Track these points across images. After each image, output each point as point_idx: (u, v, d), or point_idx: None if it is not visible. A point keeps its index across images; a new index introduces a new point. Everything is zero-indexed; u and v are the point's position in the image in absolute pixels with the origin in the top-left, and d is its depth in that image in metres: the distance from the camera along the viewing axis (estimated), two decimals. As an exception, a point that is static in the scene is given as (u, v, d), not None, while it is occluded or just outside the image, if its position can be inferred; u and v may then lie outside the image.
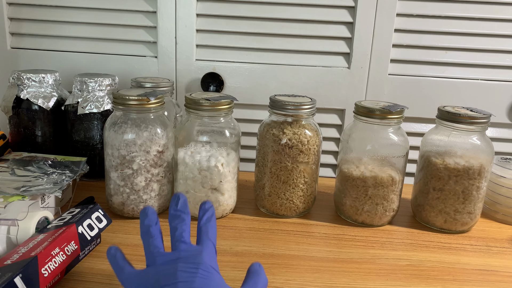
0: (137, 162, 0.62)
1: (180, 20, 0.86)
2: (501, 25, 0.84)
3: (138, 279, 0.41)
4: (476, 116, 0.64)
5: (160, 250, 0.43)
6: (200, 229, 0.45)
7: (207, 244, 0.43)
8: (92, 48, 0.89)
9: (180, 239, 0.43)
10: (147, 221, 0.45)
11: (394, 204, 0.67)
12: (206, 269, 0.40)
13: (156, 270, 0.40)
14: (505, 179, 0.71)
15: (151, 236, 0.44)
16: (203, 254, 0.41)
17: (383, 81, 0.87)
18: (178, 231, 0.43)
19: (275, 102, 0.67)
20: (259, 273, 0.43)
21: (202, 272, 0.39)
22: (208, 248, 0.43)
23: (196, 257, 0.41)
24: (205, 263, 0.40)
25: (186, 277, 0.38)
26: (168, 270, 0.39)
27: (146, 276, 0.40)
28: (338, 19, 0.85)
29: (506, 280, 0.56)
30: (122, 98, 0.62)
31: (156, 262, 0.41)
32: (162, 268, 0.40)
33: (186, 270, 0.39)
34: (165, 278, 0.38)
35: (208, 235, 0.44)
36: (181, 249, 0.42)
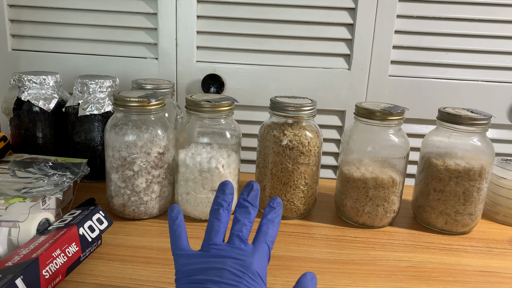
0: (138, 164, 0.62)
1: (180, 21, 0.86)
2: (501, 26, 0.84)
3: (188, 260, 0.40)
4: (477, 117, 0.64)
5: (218, 238, 0.41)
6: (261, 227, 0.43)
7: (262, 247, 0.41)
8: (93, 50, 0.89)
9: (238, 234, 0.41)
10: (221, 198, 0.43)
11: (394, 206, 0.67)
12: (253, 276, 0.38)
13: (205, 257, 0.39)
14: (505, 180, 0.71)
15: (218, 218, 0.42)
16: (254, 259, 0.40)
17: (384, 82, 0.87)
18: (238, 224, 0.42)
19: (275, 103, 0.67)
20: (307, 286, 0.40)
21: (248, 279, 0.38)
22: (262, 252, 0.41)
23: (247, 259, 0.39)
24: (254, 270, 0.39)
25: (232, 279, 0.37)
26: (216, 263, 0.38)
27: (195, 261, 0.39)
28: (338, 20, 0.85)
29: (507, 281, 0.55)
30: (123, 100, 0.62)
31: (208, 249, 0.40)
32: (212, 259, 0.39)
33: (233, 272, 0.38)
34: (212, 272, 0.38)
35: (266, 236, 0.42)
36: (236, 245, 0.40)
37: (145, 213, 0.65)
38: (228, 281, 0.37)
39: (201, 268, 0.38)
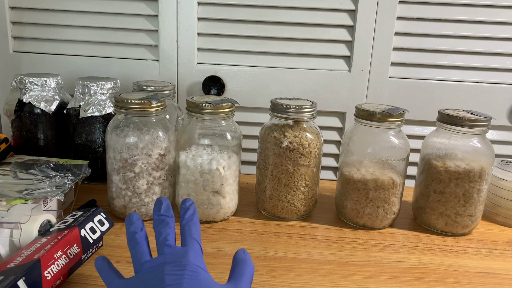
0: (139, 165, 0.62)
1: (181, 23, 0.86)
2: (501, 28, 0.84)
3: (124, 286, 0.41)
4: (477, 119, 0.64)
5: (146, 256, 0.43)
6: (183, 229, 0.45)
7: (192, 244, 0.43)
8: (94, 51, 0.89)
9: (165, 243, 0.43)
10: (132, 228, 0.45)
11: (395, 207, 0.68)
12: (193, 269, 0.40)
13: (143, 276, 0.40)
14: (505, 181, 0.72)
15: (137, 243, 0.44)
16: (188, 255, 0.41)
17: (384, 84, 0.87)
18: (162, 235, 0.44)
19: (276, 105, 0.67)
20: (244, 261, 0.43)
21: (188, 273, 0.39)
22: (194, 248, 0.43)
23: (182, 258, 0.41)
24: (191, 263, 0.40)
25: (173, 279, 0.38)
26: (154, 275, 0.39)
27: (134, 284, 0.40)
28: (338, 22, 0.85)
29: (507, 283, 0.56)
30: (124, 102, 0.62)
31: (143, 269, 0.41)
32: (149, 274, 0.40)
33: (173, 273, 0.39)
34: (152, 284, 0.38)
35: (191, 234, 0.44)
36: (166, 252, 0.42)
37: (146, 215, 0.65)
38: (171, 282, 0.38)
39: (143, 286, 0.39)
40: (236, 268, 0.43)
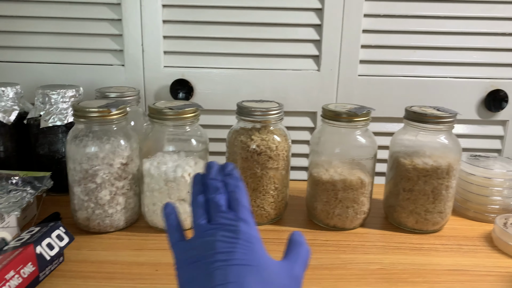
0: (101, 176, 0.60)
1: (146, 27, 0.84)
2: (466, 23, 0.84)
3: (181, 247, 0.40)
4: (442, 115, 0.64)
5: (203, 220, 0.41)
6: (230, 196, 0.43)
7: (243, 212, 0.41)
8: (57, 58, 0.86)
9: (218, 208, 0.41)
10: (195, 189, 0.44)
11: (364, 207, 0.67)
12: (247, 238, 0.38)
13: (197, 241, 0.39)
14: (474, 176, 0.72)
15: (197, 205, 0.43)
16: (241, 223, 0.39)
17: (353, 82, 0.86)
18: (214, 200, 0.42)
19: (242, 108, 0.66)
20: (301, 242, 0.41)
21: (242, 242, 0.38)
22: (245, 216, 0.41)
23: (235, 226, 0.39)
24: (245, 232, 0.39)
25: (226, 247, 0.37)
26: (207, 241, 0.38)
27: (189, 247, 0.39)
28: (306, 21, 0.84)
29: (476, 279, 0.55)
30: (82, 111, 0.60)
31: (198, 232, 0.40)
32: (202, 240, 0.39)
33: (226, 240, 0.38)
34: (204, 249, 0.37)
35: (241, 202, 0.42)
36: (219, 218, 0.40)
37: (111, 226, 0.63)
38: (222, 250, 0.37)
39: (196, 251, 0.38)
40: (291, 249, 0.41)
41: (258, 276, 0.36)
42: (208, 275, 0.35)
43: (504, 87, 0.86)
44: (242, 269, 0.36)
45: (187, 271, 0.37)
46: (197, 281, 0.36)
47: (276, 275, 0.37)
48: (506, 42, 0.85)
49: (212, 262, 0.36)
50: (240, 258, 0.36)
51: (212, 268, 0.35)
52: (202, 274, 0.36)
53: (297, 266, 0.39)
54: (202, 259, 0.37)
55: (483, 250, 0.63)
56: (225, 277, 0.35)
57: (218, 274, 0.35)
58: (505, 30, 0.84)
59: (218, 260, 0.36)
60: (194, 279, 0.36)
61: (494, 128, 0.90)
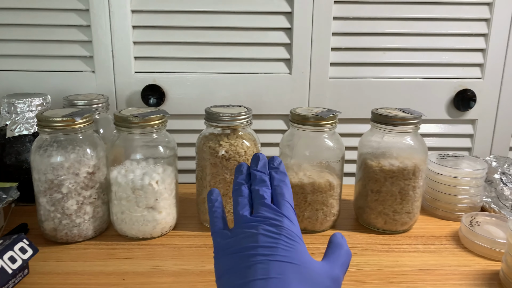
0: (66, 186, 0.60)
1: (115, 32, 0.83)
2: (434, 24, 0.85)
3: (222, 236, 0.40)
4: (407, 117, 0.65)
5: (246, 211, 0.41)
6: (275, 190, 0.42)
7: (287, 208, 0.41)
8: (24, 65, 0.85)
9: (262, 201, 0.41)
10: (240, 178, 0.43)
11: (334, 209, 0.68)
12: (289, 235, 0.38)
13: (239, 232, 0.39)
14: (442, 176, 0.73)
15: (241, 194, 0.42)
16: (285, 219, 0.39)
17: (325, 85, 0.87)
18: (259, 192, 0.41)
19: (210, 114, 0.66)
20: (342, 245, 0.41)
21: (284, 238, 0.37)
22: (289, 212, 0.40)
23: (279, 221, 0.39)
24: (288, 229, 0.38)
25: (269, 241, 0.37)
26: (250, 233, 0.38)
27: (229, 236, 0.39)
28: (276, 25, 0.85)
29: (441, 278, 0.56)
30: (46, 121, 0.59)
31: (240, 223, 0.40)
32: (245, 231, 0.38)
33: (269, 234, 0.37)
34: (246, 240, 0.37)
35: (284, 197, 0.42)
36: (263, 211, 0.40)
37: (79, 236, 0.63)
38: (265, 244, 0.36)
39: (237, 241, 0.38)
40: (332, 251, 0.41)
41: (299, 274, 0.35)
42: (249, 268, 0.35)
43: (472, 87, 0.88)
44: (284, 266, 0.35)
45: (227, 260, 0.37)
46: (237, 272, 0.35)
47: (317, 275, 0.37)
48: (473, 42, 0.87)
49: (253, 255, 0.36)
50: (282, 255, 0.36)
51: (253, 261, 0.35)
52: (242, 265, 0.36)
53: (337, 267, 0.39)
54: (244, 250, 0.36)
55: (450, 249, 0.64)
56: (267, 272, 0.34)
57: (259, 268, 0.35)
58: (472, 30, 0.86)
59: (260, 254, 0.36)
60: (233, 269, 0.36)
61: (464, 127, 0.91)
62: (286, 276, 0.35)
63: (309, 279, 0.36)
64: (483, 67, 0.88)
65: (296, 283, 0.34)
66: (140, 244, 0.64)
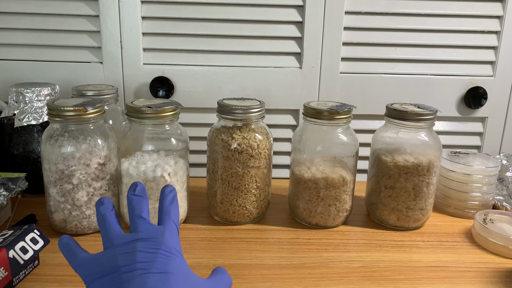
0: (77, 176, 0.59)
1: (124, 23, 0.82)
2: (447, 20, 0.85)
3: (93, 262, 0.38)
4: (423, 112, 0.64)
5: (118, 232, 0.39)
6: (161, 211, 0.42)
7: (169, 224, 0.40)
8: (32, 55, 0.84)
9: (140, 216, 0.40)
10: (102, 208, 0.42)
11: (346, 205, 0.67)
12: (168, 249, 0.37)
13: (113, 251, 0.37)
14: (454, 173, 0.72)
15: (107, 221, 0.41)
16: (164, 235, 0.38)
17: (335, 79, 0.86)
18: (136, 210, 0.40)
19: (223, 106, 0.65)
20: (225, 272, 0.43)
21: (163, 252, 0.36)
22: (171, 228, 0.40)
23: (157, 237, 0.38)
24: (167, 244, 0.37)
25: (146, 257, 0.36)
26: (126, 250, 0.36)
27: (102, 258, 0.37)
28: (287, 18, 0.84)
29: (456, 275, 0.56)
30: (57, 110, 0.58)
31: (113, 244, 0.38)
32: (120, 249, 0.37)
33: (146, 251, 0.36)
34: (123, 259, 0.36)
35: (170, 216, 0.41)
36: (140, 228, 0.39)
37: (88, 228, 0.62)
38: (143, 260, 0.35)
39: (112, 262, 0.36)
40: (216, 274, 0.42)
41: (179, 284, 0.35)
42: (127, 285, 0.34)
43: (484, 84, 0.87)
44: (161, 277, 0.35)
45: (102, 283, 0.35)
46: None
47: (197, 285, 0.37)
48: (485, 39, 0.86)
49: (131, 271, 0.35)
50: (159, 267, 0.35)
51: (131, 277, 0.34)
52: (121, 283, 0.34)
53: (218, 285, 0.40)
54: (120, 270, 0.35)
55: (463, 246, 0.63)
56: (144, 284, 0.34)
57: (137, 282, 0.34)
58: (484, 28, 0.85)
59: (138, 269, 0.35)
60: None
61: (474, 125, 0.91)
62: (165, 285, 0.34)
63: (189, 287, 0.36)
64: (495, 65, 0.87)
65: None
66: (150, 237, 0.63)
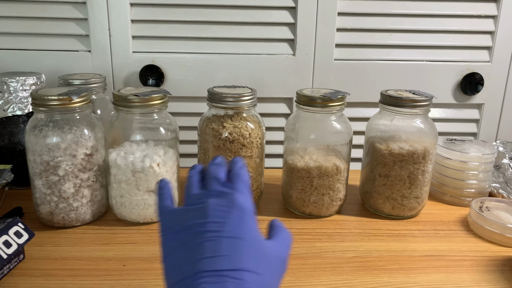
0: (63, 168, 0.57)
1: (112, 10, 0.80)
2: (441, 4, 0.83)
3: (169, 215, 0.37)
4: (418, 99, 0.62)
5: (196, 189, 0.39)
6: (232, 174, 0.40)
7: (241, 185, 0.38)
8: (17, 44, 0.81)
9: (215, 177, 0.39)
10: (192, 172, 0.42)
11: (340, 193, 0.66)
12: (240, 210, 0.35)
13: (186, 207, 0.37)
14: (450, 160, 0.71)
15: (190, 182, 0.40)
16: (237, 195, 0.37)
17: (329, 66, 0.84)
18: (212, 172, 0.39)
19: (213, 94, 0.63)
20: (283, 227, 0.39)
21: (235, 212, 0.35)
22: (242, 189, 0.38)
23: (229, 195, 0.36)
24: (239, 204, 0.36)
25: (218, 216, 0.34)
26: (199, 208, 0.35)
27: (176, 213, 0.37)
28: (280, 4, 0.81)
29: (452, 264, 0.55)
30: (41, 99, 0.56)
31: (188, 199, 0.38)
32: (194, 207, 0.36)
33: (218, 209, 0.35)
34: (195, 215, 0.35)
35: (240, 177, 0.39)
36: (213, 186, 0.38)
37: (76, 220, 0.60)
38: (214, 219, 0.34)
39: (184, 216, 0.36)
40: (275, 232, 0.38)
41: (251, 251, 0.33)
42: (198, 246, 0.33)
43: (480, 70, 0.86)
44: (233, 243, 0.33)
45: (174, 238, 0.35)
46: (185, 250, 0.33)
47: (269, 254, 0.35)
48: (482, 24, 0.84)
49: (202, 232, 0.33)
50: (231, 231, 0.34)
51: (202, 238, 0.33)
52: (191, 243, 0.33)
53: (284, 249, 0.37)
54: (192, 227, 0.34)
55: (459, 235, 0.62)
56: (216, 249, 0.32)
57: (208, 246, 0.33)
58: (480, 12, 0.84)
59: (209, 230, 0.33)
60: (181, 247, 0.34)
61: (470, 111, 0.90)
62: (238, 253, 0.33)
63: (260, 257, 0.34)
64: (491, 50, 0.86)
65: (248, 261, 0.33)
66: (140, 228, 0.61)
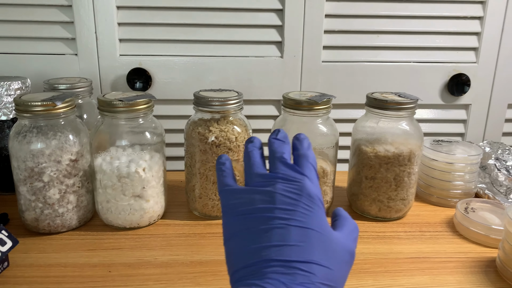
0: (48, 174, 0.57)
1: (99, 13, 0.79)
2: (428, 6, 0.83)
3: (233, 194, 0.35)
4: (403, 101, 0.63)
5: (260, 169, 0.36)
6: (298, 156, 0.37)
7: (309, 169, 0.36)
8: (3, 48, 0.80)
9: (281, 158, 0.36)
10: (250, 146, 0.39)
11: (327, 196, 0.66)
12: (310, 198, 0.34)
13: (253, 190, 0.34)
14: (437, 162, 0.71)
15: (251, 158, 0.37)
16: (305, 180, 0.34)
17: (317, 68, 0.85)
18: (278, 152, 0.37)
19: (199, 98, 0.63)
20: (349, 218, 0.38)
21: (305, 201, 0.33)
22: (311, 174, 0.36)
23: (299, 180, 0.34)
24: (309, 191, 0.34)
25: (287, 203, 0.33)
26: (265, 190, 0.34)
27: (241, 193, 0.35)
28: (267, 6, 0.81)
29: (437, 266, 0.55)
30: (25, 105, 0.56)
31: (253, 181, 0.35)
32: (260, 189, 0.34)
33: (287, 195, 0.33)
34: (261, 198, 0.33)
35: (308, 160, 0.37)
36: (280, 169, 0.35)
37: (62, 226, 0.60)
38: (283, 206, 0.33)
39: (250, 198, 0.34)
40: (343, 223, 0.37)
41: (321, 243, 0.32)
42: (265, 232, 0.31)
43: (467, 71, 0.86)
44: (303, 233, 0.32)
45: (238, 221, 0.33)
46: (250, 236, 0.32)
47: (338, 247, 0.33)
48: (468, 25, 0.85)
49: (270, 218, 0.32)
50: (300, 220, 0.32)
51: (270, 224, 0.32)
52: (256, 228, 0.32)
53: (352, 241, 0.36)
54: (258, 211, 0.33)
55: (445, 236, 0.63)
56: (284, 238, 0.31)
57: (276, 233, 0.31)
58: (466, 13, 0.84)
59: (278, 217, 0.32)
60: (246, 232, 0.32)
61: (458, 112, 0.90)
62: (308, 244, 0.31)
63: (330, 250, 0.32)
64: (478, 51, 0.86)
65: (318, 253, 0.31)
66: (126, 234, 0.61)
